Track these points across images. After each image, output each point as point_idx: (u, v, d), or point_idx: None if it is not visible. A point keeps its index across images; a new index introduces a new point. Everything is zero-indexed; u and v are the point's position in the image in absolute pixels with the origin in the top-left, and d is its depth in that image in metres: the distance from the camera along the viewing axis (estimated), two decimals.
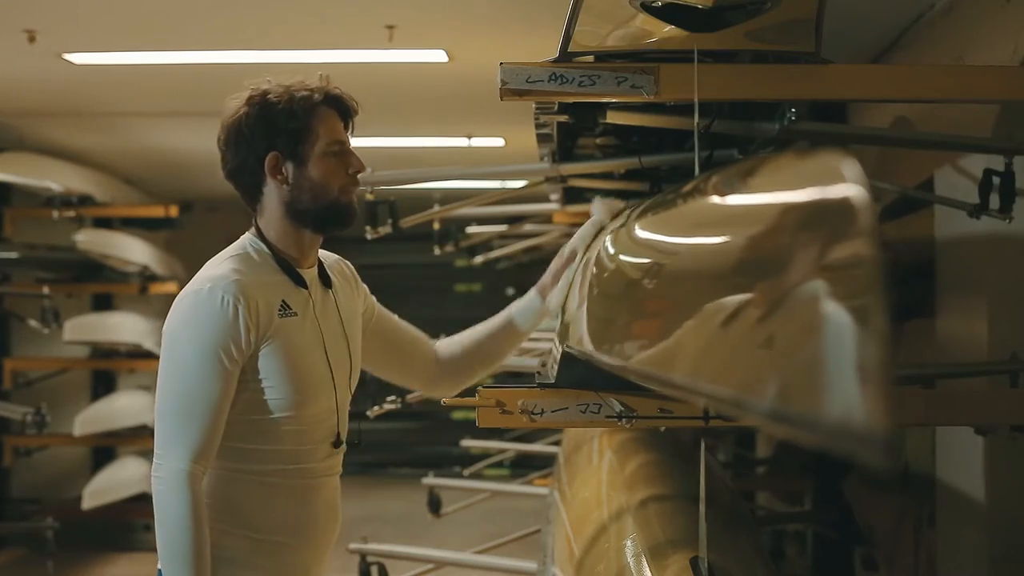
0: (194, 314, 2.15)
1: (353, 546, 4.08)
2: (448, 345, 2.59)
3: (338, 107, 2.28)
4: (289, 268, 2.25)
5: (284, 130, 2.21)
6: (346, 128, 2.29)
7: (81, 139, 7.54)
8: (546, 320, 2.56)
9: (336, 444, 2.29)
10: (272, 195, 2.25)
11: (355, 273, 2.48)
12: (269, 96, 2.22)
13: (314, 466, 2.25)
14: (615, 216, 2.27)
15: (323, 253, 2.38)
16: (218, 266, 2.21)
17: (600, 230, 2.32)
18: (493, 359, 2.62)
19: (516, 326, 2.54)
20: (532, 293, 2.53)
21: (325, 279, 2.32)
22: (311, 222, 2.25)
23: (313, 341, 2.24)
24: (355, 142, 2.32)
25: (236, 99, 2.25)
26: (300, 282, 2.25)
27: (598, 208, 2.36)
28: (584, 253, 2.30)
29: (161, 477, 2.11)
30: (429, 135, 7.52)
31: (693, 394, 1.10)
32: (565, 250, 2.43)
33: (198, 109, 5.95)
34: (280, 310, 2.19)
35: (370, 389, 3.90)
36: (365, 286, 2.49)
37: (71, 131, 7.30)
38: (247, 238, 2.28)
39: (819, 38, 2.23)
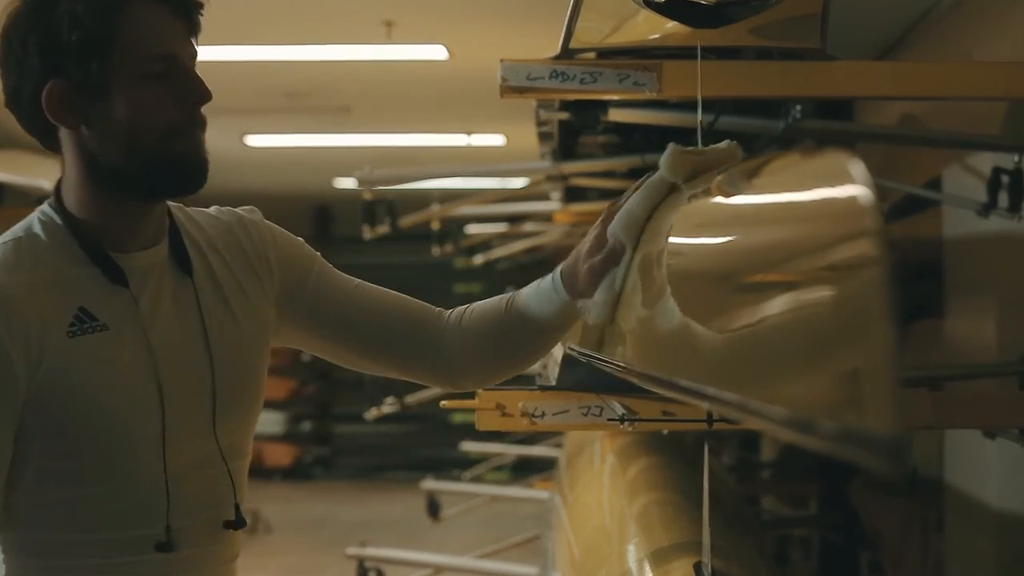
0: None
1: (351, 551, 4.08)
2: (464, 316, 1.64)
3: None
4: (100, 255, 1.44)
5: (68, 44, 1.38)
6: (190, 32, 1.44)
7: None
8: None
9: (227, 522, 1.49)
10: (68, 143, 1.45)
11: (263, 232, 1.58)
12: None
13: (185, 553, 1.44)
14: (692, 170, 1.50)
15: (205, 213, 1.57)
16: None
17: (658, 201, 1.53)
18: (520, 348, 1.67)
19: (536, 319, 1.59)
20: (553, 283, 1.58)
21: (183, 262, 1.50)
22: (132, 187, 1.43)
23: (136, 366, 1.43)
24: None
25: None
26: (116, 276, 1.44)
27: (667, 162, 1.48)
28: (634, 247, 1.51)
29: None
30: (428, 132, 7.52)
31: (697, 397, 1.09)
32: (608, 238, 1.50)
33: None
34: (73, 325, 1.40)
35: (367, 391, 3.87)
36: (297, 241, 1.63)
37: None
38: (40, 209, 1.48)
39: (825, 34, 2.23)
